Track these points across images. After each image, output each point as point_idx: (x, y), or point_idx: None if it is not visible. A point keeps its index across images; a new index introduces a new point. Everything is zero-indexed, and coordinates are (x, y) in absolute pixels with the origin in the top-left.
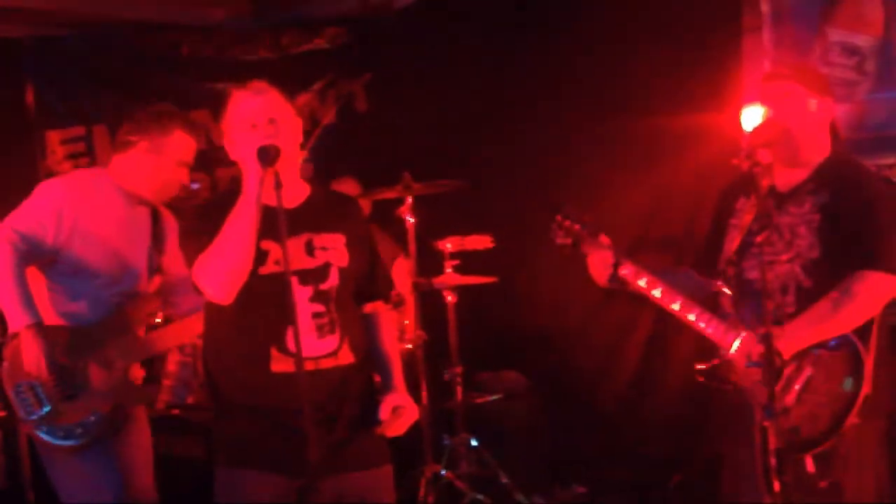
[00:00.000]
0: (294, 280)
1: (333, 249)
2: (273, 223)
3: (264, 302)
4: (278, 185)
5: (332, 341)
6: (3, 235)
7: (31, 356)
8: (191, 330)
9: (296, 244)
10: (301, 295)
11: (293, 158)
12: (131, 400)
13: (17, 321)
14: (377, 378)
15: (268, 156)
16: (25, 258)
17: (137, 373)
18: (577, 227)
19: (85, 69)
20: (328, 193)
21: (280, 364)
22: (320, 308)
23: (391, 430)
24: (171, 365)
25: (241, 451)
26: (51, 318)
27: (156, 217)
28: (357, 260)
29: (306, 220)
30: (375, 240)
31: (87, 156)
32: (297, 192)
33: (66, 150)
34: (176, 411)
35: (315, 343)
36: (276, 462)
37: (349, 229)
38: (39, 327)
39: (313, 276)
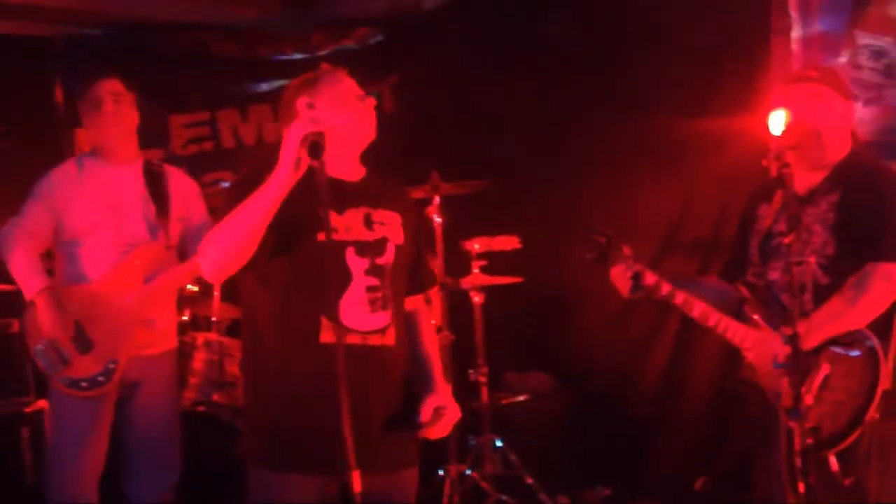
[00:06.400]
0: (351, 251)
1: (390, 226)
2: (331, 192)
3: (319, 269)
4: (322, 164)
5: (383, 318)
6: (9, 224)
7: (47, 318)
8: (188, 275)
9: (355, 215)
10: (357, 266)
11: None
12: (149, 347)
13: (31, 289)
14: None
15: (314, 147)
16: (32, 238)
17: (153, 316)
18: (602, 240)
19: (113, 68)
20: (383, 177)
21: (329, 335)
22: (375, 282)
23: (433, 433)
24: (198, 363)
25: (278, 454)
26: (61, 282)
27: (152, 174)
28: (409, 241)
29: (365, 194)
30: (423, 232)
31: None
32: (356, 170)
33: None
34: (202, 409)
35: (366, 317)
36: (313, 463)
37: (403, 211)
38: (51, 291)
39: (371, 249)
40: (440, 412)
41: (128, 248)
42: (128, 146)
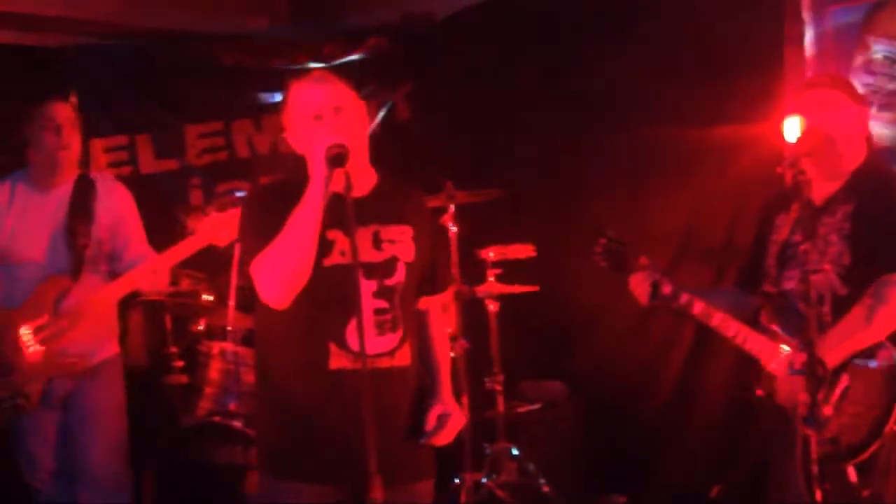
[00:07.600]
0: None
1: (400, 243)
2: (340, 212)
3: (326, 295)
4: (348, 188)
5: (391, 340)
6: None
7: None
8: (129, 285)
9: (363, 236)
10: (365, 289)
11: (362, 145)
12: (71, 368)
13: None
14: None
15: (338, 158)
16: None
17: (66, 346)
18: (619, 249)
19: (127, 79)
20: (396, 183)
21: (338, 361)
22: (383, 304)
23: (438, 440)
24: (213, 372)
25: (287, 462)
26: None
27: (82, 194)
28: (421, 254)
29: (374, 210)
30: (438, 235)
31: (129, 164)
32: (365, 180)
33: (109, 159)
34: (217, 418)
35: (373, 340)
36: (322, 473)
37: (416, 221)
38: None
39: (379, 271)
40: (444, 420)
41: (44, 276)
42: (64, 170)
